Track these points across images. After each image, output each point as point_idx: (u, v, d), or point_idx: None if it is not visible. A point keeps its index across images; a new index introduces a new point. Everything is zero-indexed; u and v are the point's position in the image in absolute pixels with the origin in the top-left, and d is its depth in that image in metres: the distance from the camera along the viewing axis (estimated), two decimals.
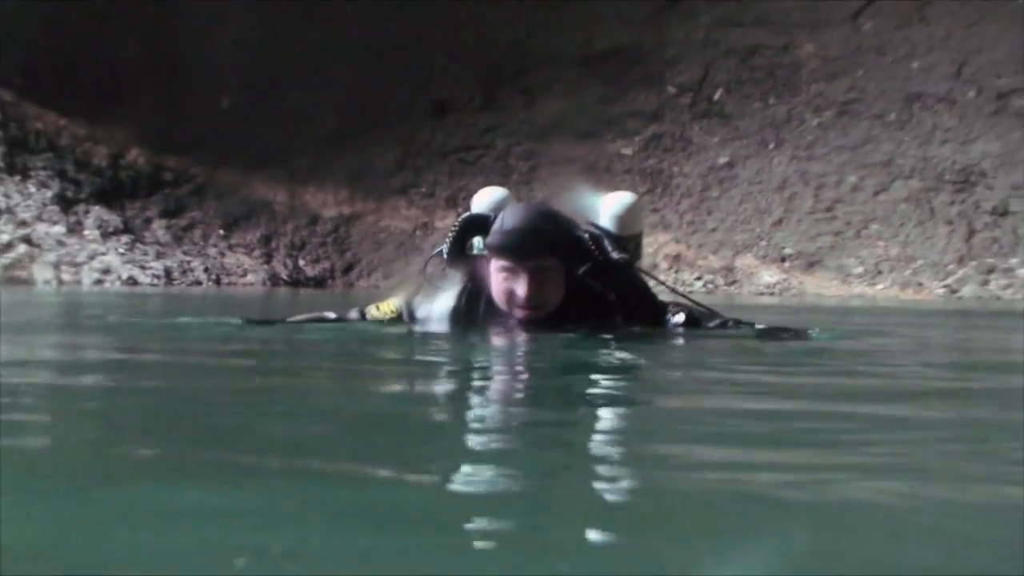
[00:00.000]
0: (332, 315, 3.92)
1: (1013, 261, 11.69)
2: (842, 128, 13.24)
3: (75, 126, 12.97)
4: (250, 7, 13.28)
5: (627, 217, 3.79)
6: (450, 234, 3.67)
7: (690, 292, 11.45)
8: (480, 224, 3.58)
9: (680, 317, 3.76)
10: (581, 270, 3.57)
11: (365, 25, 13.77)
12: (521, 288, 3.44)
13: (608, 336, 3.60)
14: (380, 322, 3.81)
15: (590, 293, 3.60)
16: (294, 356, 3.39)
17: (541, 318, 3.52)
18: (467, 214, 3.73)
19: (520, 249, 3.42)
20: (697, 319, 3.78)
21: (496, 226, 3.48)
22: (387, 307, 3.82)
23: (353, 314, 3.90)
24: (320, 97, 13.44)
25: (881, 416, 2.09)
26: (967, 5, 13.42)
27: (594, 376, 2.85)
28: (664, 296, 3.98)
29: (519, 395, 2.51)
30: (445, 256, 3.67)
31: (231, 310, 6.62)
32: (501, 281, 3.50)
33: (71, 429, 1.94)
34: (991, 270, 11.65)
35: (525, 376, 2.89)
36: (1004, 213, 12.14)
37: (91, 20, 12.98)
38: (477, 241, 3.55)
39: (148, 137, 13.04)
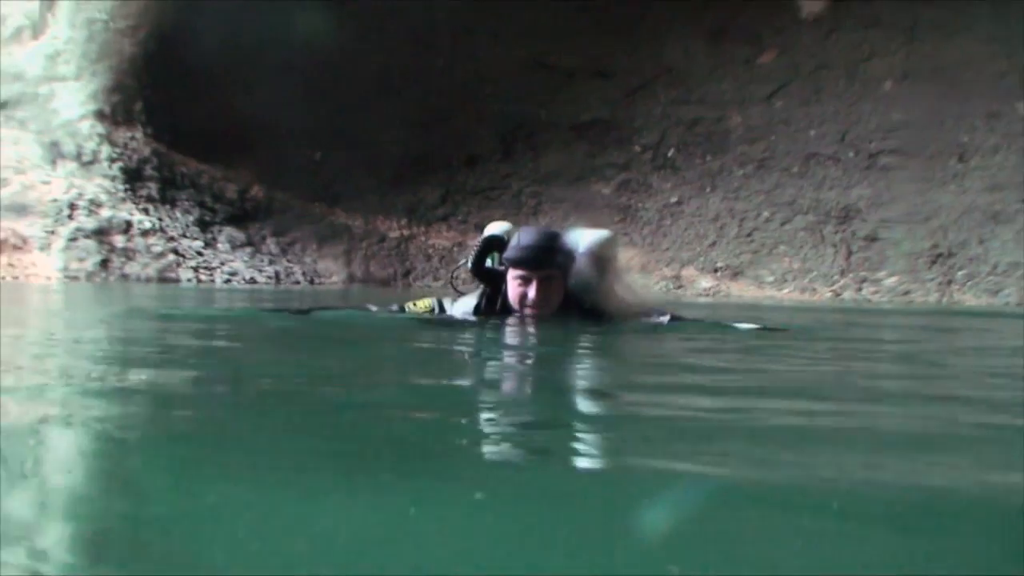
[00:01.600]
0: (374, 308, 3.81)
1: (880, 274, 11.99)
2: (759, 177, 13.42)
3: (212, 170, 13.08)
4: (337, 87, 13.39)
5: (601, 248, 3.69)
6: (473, 251, 3.62)
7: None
8: (496, 244, 3.56)
9: (666, 317, 3.69)
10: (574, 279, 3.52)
11: (419, 100, 13.89)
12: (532, 292, 3.41)
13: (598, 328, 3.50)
14: (417, 316, 3.69)
15: (579, 299, 3.52)
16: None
17: (545, 316, 3.49)
18: (486, 235, 3.65)
19: (533, 262, 3.40)
20: (679, 319, 3.69)
21: (513, 243, 3.45)
22: (423, 304, 3.72)
23: (394, 307, 3.81)
24: (386, 152, 13.53)
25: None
26: (849, 90, 13.64)
27: (584, 356, 2.86)
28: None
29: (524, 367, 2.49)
30: (469, 267, 3.63)
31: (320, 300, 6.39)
32: (516, 286, 3.44)
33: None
34: (864, 280, 11.96)
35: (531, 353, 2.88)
36: (873, 239, 12.40)
37: (221, 93, 13.02)
38: (493, 257, 3.57)
39: (265, 178, 13.20)
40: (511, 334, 3.40)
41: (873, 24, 13.79)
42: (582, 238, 3.51)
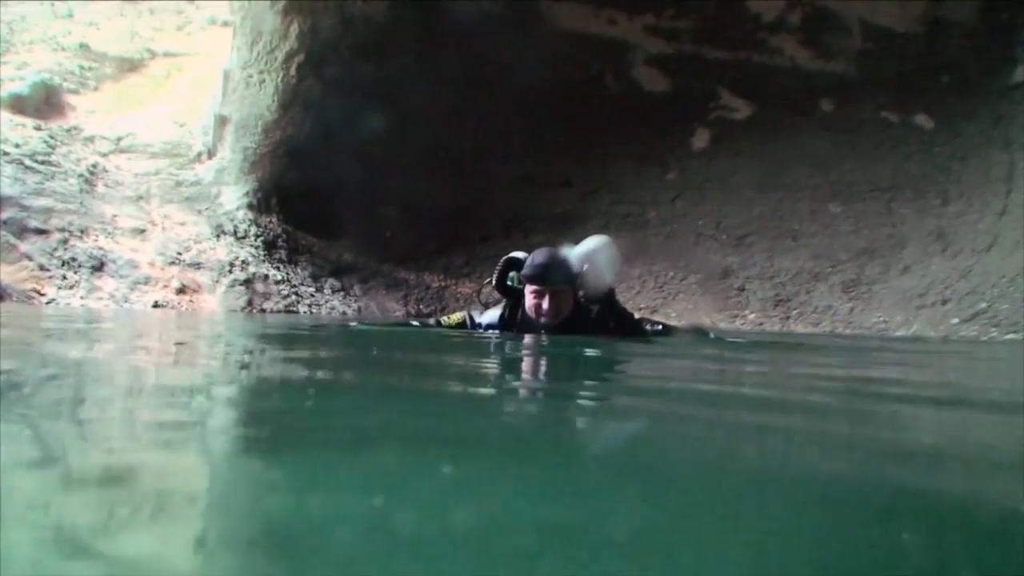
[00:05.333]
0: (416, 322, 3.18)
1: (745, 312, 12.42)
2: (667, 250, 13.70)
3: (319, 242, 13.27)
4: (396, 193, 13.49)
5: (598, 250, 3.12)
6: (496, 271, 3.14)
7: None
8: (515, 264, 3.08)
9: (659, 327, 3.19)
10: (581, 294, 3.00)
11: (451, 201, 14.11)
12: (546, 304, 2.92)
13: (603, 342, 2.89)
14: (450, 326, 3.22)
15: (587, 309, 3.04)
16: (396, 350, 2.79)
17: (557, 324, 2.97)
18: (507, 257, 3.13)
19: (546, 278, 2.92)
20: (670, 329, 3.21)
21: (529, 262, 2.97)
22: (455, 317, 3.30)
23: (432, 321, 3.39)
24: (430, 233, 13.78)
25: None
26: (723, 195, 14.07)
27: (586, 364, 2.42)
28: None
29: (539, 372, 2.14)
30: (493, 285, 3.17)
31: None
32: (532, 299, 2.96)
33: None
34: (735, 316, 12.36)
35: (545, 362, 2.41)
36: (741, 290, 12.78)
37: (323, 194, 13.12)
38: (513, 275, 3.07)
39: (352, 248, 13.38)
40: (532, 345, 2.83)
41: (737, 154, 14.33)
42: (583, 244, 3.04)
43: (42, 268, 11.44)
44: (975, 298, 11.29)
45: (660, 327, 3.21)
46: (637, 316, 3.30)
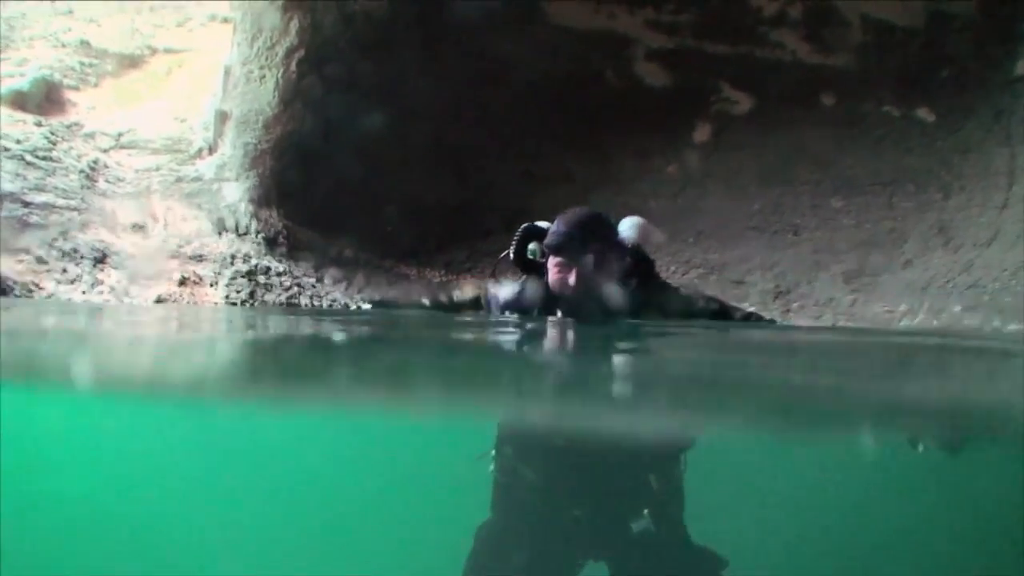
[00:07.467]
0: (427, 300, 3.11)
1: (743, 305, 12.25)
2: (668, 245, 13.82)
3: (320, 238, 12.81)
4: (398, 190, 14.10)
5: (641, 230, 2.75)
6: (514, 241, 2.75)
7: None
8: (535, 233, 2.59)
9: (715, 306, 2.73)
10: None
11: (452, 197, 14.30)
12: (572, 278, 2.46)
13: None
14: (463, 303, 2.91)
15: (623, 283, 2.55)
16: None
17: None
18: (525, 225, 2.71)
19: (573, 247, 2.47)
20: (728, 309, 2.73)
21: (553, 228, 2.50)
22: (469, 291, 2.99)
23: (443, 296, 3.16)
24: (432, 230, 13.61)
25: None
26: (724, 188, 14.46)
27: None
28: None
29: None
30: (511, 257, 2.74)
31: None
32: (556, 272, 2.47)
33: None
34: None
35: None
36: (740, 282, 12.32)
37: (322, 190, 13.68)
38: (533, 246, 2.64)
39: (353, 243, 12.81)
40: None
41: (738, 148, 14.25)
42: (621, 224, 2.73)
43: (40, 261, 11.58)
44: (977, 291, 11.33)
45: (716, 307, 2.64)
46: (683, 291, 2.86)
